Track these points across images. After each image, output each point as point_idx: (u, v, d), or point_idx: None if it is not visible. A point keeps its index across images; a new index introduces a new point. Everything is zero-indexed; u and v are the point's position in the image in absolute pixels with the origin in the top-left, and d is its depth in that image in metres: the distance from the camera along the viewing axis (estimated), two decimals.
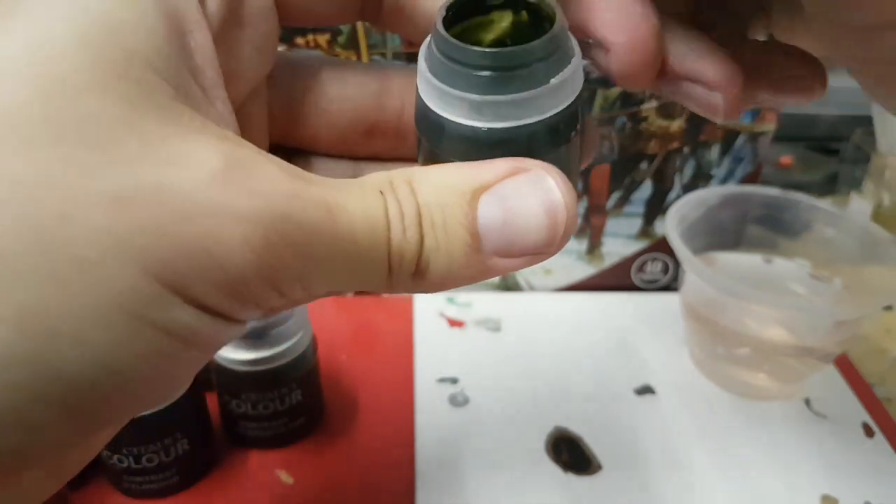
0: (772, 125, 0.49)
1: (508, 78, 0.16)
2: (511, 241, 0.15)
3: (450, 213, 0.15)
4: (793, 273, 0.49)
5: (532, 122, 0.17)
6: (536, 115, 0.17)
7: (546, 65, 0.17)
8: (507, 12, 0.19)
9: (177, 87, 0.14)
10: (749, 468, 0.40)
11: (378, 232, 0.15)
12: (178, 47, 0.14)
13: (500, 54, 0.16)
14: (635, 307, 0.52)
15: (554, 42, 0.17)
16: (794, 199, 0.47)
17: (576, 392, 0.45)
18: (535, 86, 0.17)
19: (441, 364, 0.46)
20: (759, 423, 0.43)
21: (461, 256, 0.15)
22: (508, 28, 0.19)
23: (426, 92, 0.18)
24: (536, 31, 0.17)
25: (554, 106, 0.17)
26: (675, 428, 0.42)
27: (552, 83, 0.17)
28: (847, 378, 0.46)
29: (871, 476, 0.40)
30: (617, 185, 0.50)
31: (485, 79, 0.16)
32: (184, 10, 0.15)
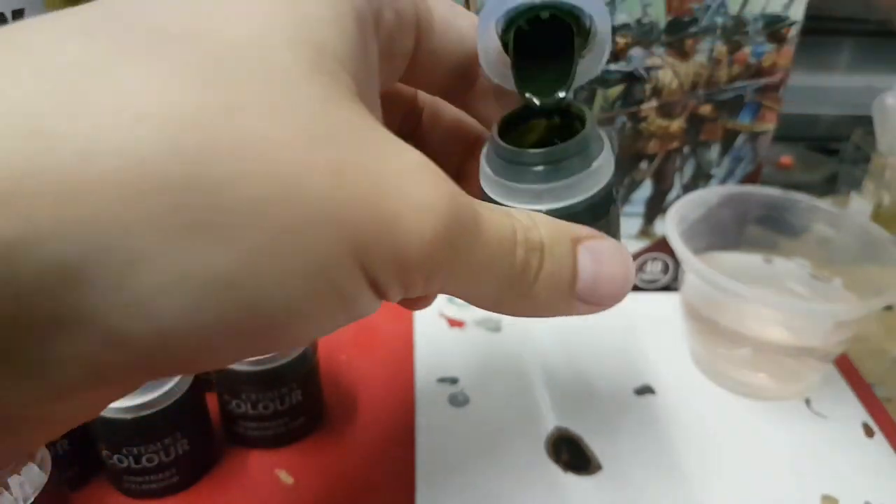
0: (772, 125, 0.49)
1: (559, 168, 0.21)
2: (594, 291, 0.19)
3: (563, 250, 0.18)
4: (793, 273, 0.49)
5: (581, 200, 0.22)
6: (583, 194, 0.22)
7: (586, 153, 0.21)
8: (542, 119, 0.24)
9: (358, 86, 0.15)
10: (749, 468, 0.40)
11: (506, 248, 0.17)
12: (362, 51, 0.16)
13: (551, 152, 0.21)
14: (635, 307, 0.52)
15: (589, 136, 0.21)
16: (794, 199, 0.47)
17: (576, 392, 0.45)
18: (581, 171, 0.22)
19: (441, 364, 0.46)
20: (759, 423, 0.43)
21: (564, 289, 0.18)
22: (545, 131, 0.24)
23: (492, 189, 0.22)
24: (570, 128, 0.23)
25: (597, 184, 0.22)
26: (675, 428, 0.42)
27: (593, 167, 0.22)
28: (847, 378, 0.46)
29: (871, 476, 0.40)
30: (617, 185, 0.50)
31: (541, 172, 0.21)
32: (368, 20, 0.16)
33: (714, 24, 0.45)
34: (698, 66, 0.46)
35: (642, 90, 0.47)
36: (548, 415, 0.43)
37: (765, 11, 0.45)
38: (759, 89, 0.48)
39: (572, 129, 0.23)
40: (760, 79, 0.47)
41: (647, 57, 0.45)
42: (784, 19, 0.45)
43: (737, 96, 0.48)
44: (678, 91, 0.47)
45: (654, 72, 0.46)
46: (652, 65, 0.46)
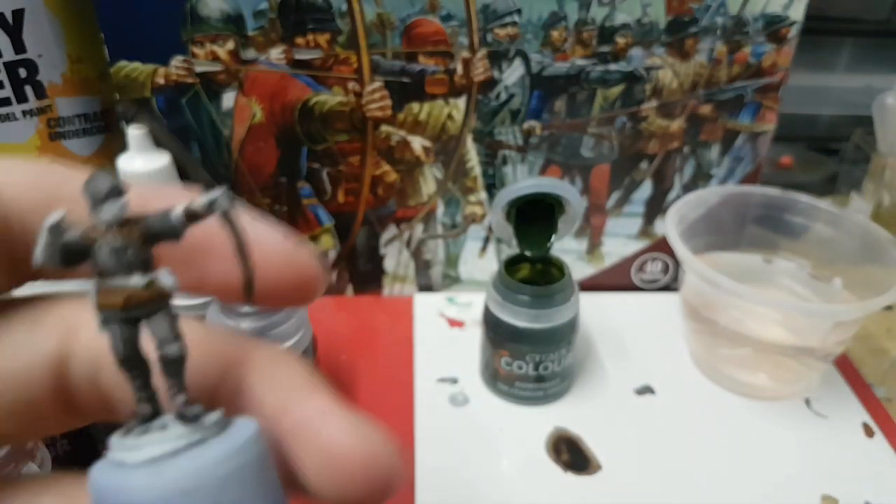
0: (772, 125, 0.49)
1: (546, 300, 0.40)
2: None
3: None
4: (793, 273, 0.49)
5: (562, 323, 0.40)
6: (561, 319, 0.40)
7: (564, 293, 0.40)
8: (526, 264, 0.44)
9: None
10: (749, 468, 0.40)
11: None
12: None
13: (537, 289, 0.40)
14: (635, 307, 0.52)
15: (567, 280, 0.41)
16: (793, 199, 0.47)
17: (576, 392, 0.45)
18: (561, 304, 0.40)
19: (441, 364, 0.46)
20: (759, 423, 0.43)
21: None
22: (528, 274, 0.44)
23: (496, 307, 0.41)
24: (548, 271, 0.43)
25: (570, 314, 0.41)
26: (675, 428, 0.42)
27: (570, 301, 0.40)
28: (847, 378, 0.46)
29: (871, 476, 0.40)
30: (617, 185, 0.50)
31: (532, 301, 0.40)
32: None
33: (714, 24, 0.45)
34: (698, 66, 0.46)
35: (642, 90, 0.47)
36: (547, 415, 0.43)
37: (765, 11, 0.45)
38: (759, 89, 0.48)
39: (550, 272, 0.43)
40: (760, 79, 0.47)
41: (647, 57, 0.45)
42: (784, 19, 0.45)
43: (737, 96, 0.48)
44: (678, 91, 0.47)
45: (654, 72, 0.46)
46: (652, 65, 0.46)
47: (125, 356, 0.13)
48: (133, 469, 0.12)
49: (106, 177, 0.13)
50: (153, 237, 0.13)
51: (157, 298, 0.13)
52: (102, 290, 0.13)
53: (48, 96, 0.44)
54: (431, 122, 0.46)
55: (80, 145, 0.46)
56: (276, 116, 0.45)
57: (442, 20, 0.43)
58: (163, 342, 0.13)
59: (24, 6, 0.41)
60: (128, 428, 0.13)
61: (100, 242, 0.13)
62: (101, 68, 0.45)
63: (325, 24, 0.42)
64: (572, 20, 0.44)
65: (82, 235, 0.13)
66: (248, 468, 0.13)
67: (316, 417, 0.14)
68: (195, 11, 0.41)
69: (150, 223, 0.13)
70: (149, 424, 0.13)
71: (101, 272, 0.13)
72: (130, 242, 0.13)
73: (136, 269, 0.13)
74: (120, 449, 0.13)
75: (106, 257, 0.13)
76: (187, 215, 0.13)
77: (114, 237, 0.13)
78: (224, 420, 0.13)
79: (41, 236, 0.12)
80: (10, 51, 0.42)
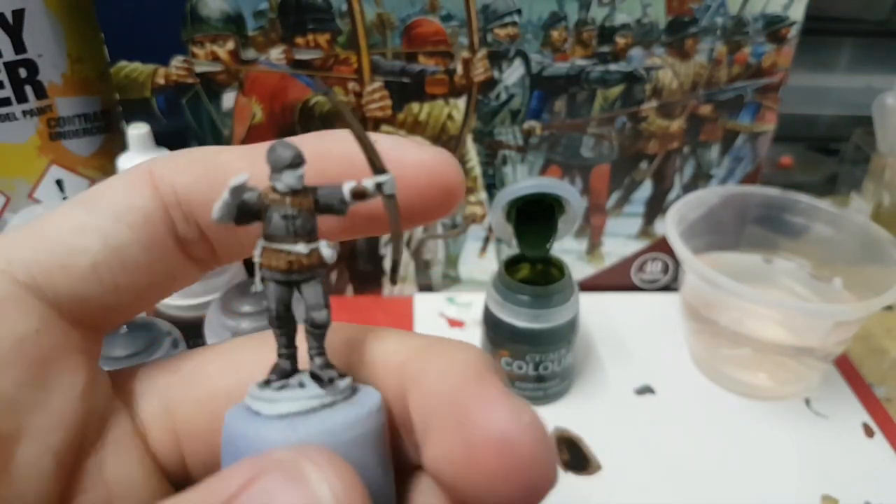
0: (772, 125, 0.49)
1: (546, 300, 0.40)
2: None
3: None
4: (793, 273, 0.49)
5: (562, 323, 0.40)
6: (561, 320, 0.40)
7: (564, 293, 0.40)
8: (526, 264, 0.44)
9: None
10: (749, 468, 0.40)
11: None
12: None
13: (537, 289, 0.40)
14: (635, 307, 0.52)
15: (567, 281, 0.41)
16: (793, 199, 0.47)
17: (576, 392, 0.45)
18: (561, 304, 0.40)
19: None
20: (759, 424, 0.43)
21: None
22: (528, 274, 0.44)
23: (496, 307, 0.41)
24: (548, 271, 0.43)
25: (570, 315, 0.41)
26: (675, 428, 0.42)
27: (570, 301, 0.40)
28: (847, 378, 0.46)
29: (871, 476, 0.40)
30: (617, 185, 0.50)
31: (532, 301, 0.40)
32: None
33: (714, 24, 0.45)
34: (698, 66, 0.46)
35: (642, 90, 0.47)
36: (547, 415, 0.43)
37: (765, 12, 0.45)
38: (759, 89, 0.48)
39: (550, 272, 0.43)
40: (760, 79, 0.47)
41: (647, 57, 0.45)
42: (784, 19, 0.45)
43: (737, 96, 0.48)
44: (678, 91, 0.47)
45: (654, 72, 0.46)
46: (652, 65, 0.46)
47: (277, 313, 0.14)
48: (268, 421, 0.13)
49: (289, 146, 0.13)
50: (322, 209, 0.14)
51: (315, 266, 0.14)
52: (268, 251, 0.14)
53: (48, 96, 0.44)
54: (431, 122, 0.46)
55: (79, 145, 0.46)
56: (277, 116, 0.45)
57: (442, 20, 0.43)
58: (312, 307, 0.14)
59: (24, 6, 0.41)
60: (267, 380, 0.14)
61: (273, 207, 0.14)
62: (101, 68, 0.45)
63: (325, 25, 0.42)
64: (572, 20, 0.44)
65: (259, 198, 0.14)
66: (370, 435, 0.14)
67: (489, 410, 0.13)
68: (195, 11, 0.41)
69: (320, 195, 0.14)
70: (287, 380, 0.14)
71: (269, 235, 0.14)
72: (301, 211, 0.14)
73: (301, 237, 0.14)
74: (258, 399, 0.14)
75: (277, 222, 0.14)
76: (354, 194, 0.14)
77: (287, 204, 0.14)
78: (353, 386, 0.14)
79: (223, 195, 0.13)
80: (11, 51, 0.42)
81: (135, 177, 0.15)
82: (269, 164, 0.13)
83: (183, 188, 0.15)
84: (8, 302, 0.14)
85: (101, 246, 0.15)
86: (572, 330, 0.41)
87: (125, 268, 0.15)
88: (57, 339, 0.15)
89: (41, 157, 0.45)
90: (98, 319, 0.15)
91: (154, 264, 0.15)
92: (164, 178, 0.15)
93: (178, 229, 0.16)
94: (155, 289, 0.16)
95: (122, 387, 0.16)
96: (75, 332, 0.15)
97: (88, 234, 0.15)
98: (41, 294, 0.14)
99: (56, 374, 0.14)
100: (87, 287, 0.15)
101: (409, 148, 0.15)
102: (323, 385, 0.14)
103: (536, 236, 0.41)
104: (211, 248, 0.16)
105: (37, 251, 0.14)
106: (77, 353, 0.15)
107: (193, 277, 0.17)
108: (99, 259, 0.15)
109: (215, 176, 0.15)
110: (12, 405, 0.14)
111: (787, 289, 0.48)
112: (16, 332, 0.14)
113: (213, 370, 0.16)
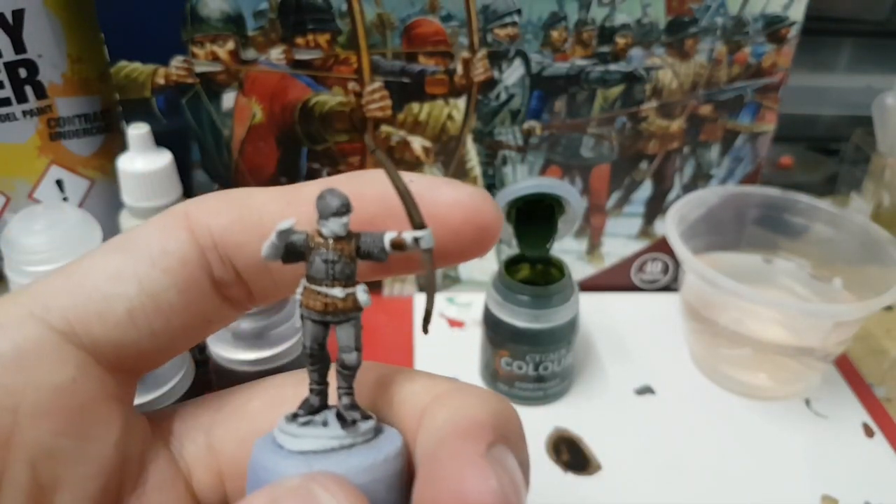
0: (771, 125, 0.49)
1: (546, 300, 0.40)
2: None
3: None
4: (793, 273, 0.49)
5: (562, 323, 0.40)
6: (561, 320, 0.40)
7: (564, 293, 0.40)
8: (526, 264, 0.44)
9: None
10: (749, 469, 0.40)
11: None
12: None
13: (537, 289, 0.40)
14: (635, 307, 0.52)
15: (567, 281, 0.40)
16: (793, 199, 0.47)
17: (576, 392, 0.45)
18: (561, 304, 0.40)
19: (441, 364, 0.46)
20: (759, 424, 0.43)
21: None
22: (528, 274, 0.44)
23: (496, 307, 0.41)
24: (548, 271, 0.43)
25: (570, 315, 0.41)
26: (675, 428, 0.42)
27: (570, 301, 0.40)
28: (847, 378, 0.46)
29: (871, 477, 0.40)
30: (617, 185, 0.50)
31: (532, 301, 0.40)
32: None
33: (714, 24, 0.45)
34: (698, 66, 0.46)
35: (642, 90, 0.47)
36: (548, 415, 0.43)
37: (764, 12, 0.45)
38: (758, 89, 0.48)
39: (550, 272, 0.43)
40: (760, 79, 0.47)
41: (647, 57, 0.45)
42: (784, 19, 0.45)
43: (737, 96, 0.48)
44: (678, 91, 0.47)
45: (654, 72, 0.46)
46: (652, 65, 0.46)
47: (311, 350, 0.15)
48: (288, 455, 0.14)
49: (338, 195, 0.14)
50: (363, 255, 0.15)
51: (350, 310, 0.15)
52: (308, 291, 0.15)
53: (48, 96, 0.44)
54: (431, 122, 0.46)
55: (80, 145, 0.46)
56: (276, 117, 0.45)
57: (442, 20, 0.43)
58: (344, 349, 0.15)
59: (24, 6, 0.41)
60: (295, 413, 0.15)
61: (317, 251, 0.14)
62: (102, 68, 0.45)
63: (325, 25, 0.42)
64: (572, 20, 0.44)
65: (305, 240, 0.14)
66: (385, 480, 0.14)
67: (457, 468, 0.13)
68: (195, 11, 0.41)
69: (362, 243, 0.15)
70: (313, 417, 0.15)
71: (310, 276, 0.14)
72: (341, 257, 0.14)
73: (339, 282, 0.14)
74: (283, 432, 0.14)
75: (318, 265, 0.14)
76: (394, 245, 0.14)
77: (329, 249, 0.14)
78: (377, 428, 0.15)
79: (271, 237, 0.14)
80: (11, 51, 0.42)
81: (170, 220, 0.16)
82: (318, 210, 0.14)
83: (219, 230, 0.16)
84: (45, 350, 0.14)
85: (137, 292, 0.15)
86: (572, 330, 0.41)
87: (161, 313, 0.15)
88: (93, 386, 0.15)
89: (41, 158, 0.45)
90: (134, 364, 0.16)
91: (190, 308, 0.16)
92: (200, 220, 0.16)
93: (215, 272, 0.16)
94: (191, 332, 0.16)
95: (163, 427, 0.17)
96: (111, 378, 0.15)
97: (125, 280, 0.15)
98: (78, 341, 0.14)
99: (93, 422, 0.14)
100: (124, 333, 0.15)
101: (443, 188, 0.15)
102: (345, 426, 0.14)
103: (536, 236, 0.41)
104: (247, 290, 0.16)
105: (73, 298, 0.15)
106: (113, 400, 0.15)
107: (229, 319, 0.17)
108: (135, 305, 0.15)
109: (250, 218, 0.16)
110: (50, 455, 0.14)
111: (786, 289, 0.48)
112: (53, 381, 0.14)
113: (257, 407, 0.17)
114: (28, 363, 0.14)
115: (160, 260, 0.15)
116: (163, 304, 0.15)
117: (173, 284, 0.15)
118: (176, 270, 0.15)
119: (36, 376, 0.14)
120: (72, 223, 0.36)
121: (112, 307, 0.15)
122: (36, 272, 0.38)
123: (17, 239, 0.35)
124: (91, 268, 0.15)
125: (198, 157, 0.46)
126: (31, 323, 0.14)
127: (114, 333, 0.15)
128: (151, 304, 0.15)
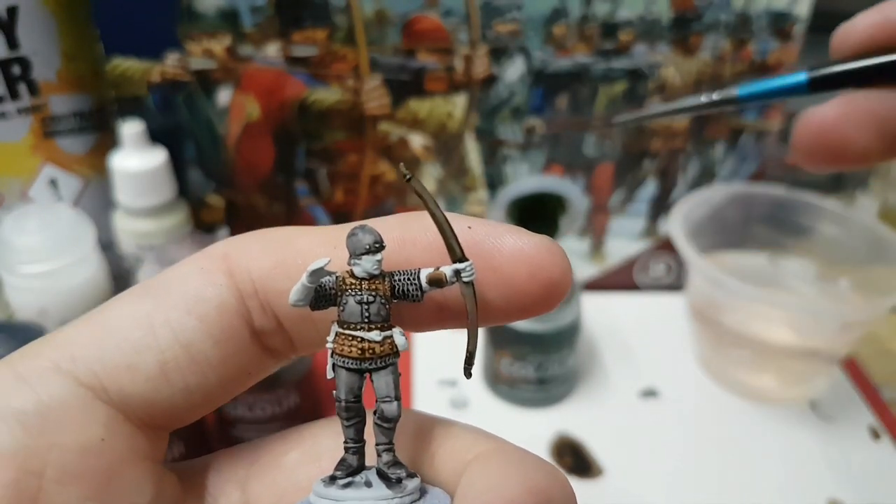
0: (777, 123, 0.49)
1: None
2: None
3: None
4: (799, 273, 0.48)
5: (564, 324, 0.40)
6: (563, 321, 0.40)
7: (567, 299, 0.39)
8: None
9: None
10: (754, 471, 0.39)
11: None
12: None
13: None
14: (639, 308, 0.52)
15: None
16: (799, 198, 0.47)
17: (578, 394, 0.44)
18: (563, 305, 0.36)
19: (441, 366, 0.46)
20: (765, 426, 0.42)
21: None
22: None
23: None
24: None
25: (572, 316, 0.40)
26: (679, 431, 0.42)
27: (572, 302, 0.40)
28: (854, 380, 0.46)
29: (877, 479, 0.39)
30: (620, 184, 0.50)
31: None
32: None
33: (718, 20, 0.44)
34: (702, 62, 0.46)
35: (646, 87, 0.46)
36: (550, 418, 0.42)
37: (770, 8, 0.44)
38: None
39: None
40: (766, 76, 0.47)
41: (650, 53, 0.45)
42: (789, 16, 0.44)
43: None
44: (682, 88, 0.46)
45: (658, 68, 0.45)
46: (655, 61, 0.45)
47: (347, 404, 0.14)
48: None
49: (369, 231, 0.13)
50: (398, 295, 0.14)
51: (388, 355, 0.14)
52: (340, 337, 0.14)
53: (42, 94, 0.43)
54: (431, 119, 0.46)
55: (73, 143, 0.46)
56: (273, 114, 0.44)
57: (442, 16, 0.42)
58: (383, 398, 0.14)
59: (18, 3, 0.41)
60: (333, 476, 0.14)
61: (349, 292, 0.13)
62: (96, 66, 0.44)
63: (322, 20, 0.42)
64: (574, 16, 0.43)
65: (336, 282, 0.13)
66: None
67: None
68: (191, 8, 0.40)
69: (396, 281, 0.14)
70: (353, 478, 0.14)
71: (343, 320, 0.14)
72: (376, 297, 0.13)
73: (375, 324, 0.14)
74: (323, 497, 0.14)
75: (352, 307, 0.13)
76: (431, 280, 0.13)
77: (363, 289, 0.13)
78: (422, 487, 0.14)
79: (302, 278, 0.13)
80: (4, 48, 0.41)
81: (207, 262, 0.14)
82: (349, 248, 0.13)
83: (260, 275, 0.14)
84: (72, 408, 0.13)
85: (169, 342, 0.14)
86: (575, 331, 0.41)
87: (196, 365, 0.14)
88: (123, 446, 0.14)
89: (35, 156, 0.45)
90: (166, 420, 0.14)
91: (227, 360, 0.14)
92: (240, 264, 0.14)
93: (255, 320, 0.14)
94: (228, 385, 0.15)
95: (196, 482, 0.16)
96: (141, 435, 0.14)
97: (156, 328, 0.14)
98: (106, 396, 0.13)
99: (123, 485, 0.13)
100: (155, 388, 0.14)
101: (505, 236, 0.14)
102: (391, 486, 0.13)
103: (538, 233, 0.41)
104: (288, 339, 0.15)
105: (101, 348, 0.13)
106: (143, 460, 0.14)
107: (268, 371, 0.16)
108: (168, 357, 0.14)
109: (293, 262, 0.14)
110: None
111: (793, 289, 0.48)
112: (80, 442, 0.13)
113: (294, 460, 0.15)
114: (54, 422, 0.13)
115: (196, 307, 0.14)
116: (198, 356, 0.14)
117: (209, 335, 0.14)
118: (213, 319, 0.14)
119: (62, 437, 0.13)
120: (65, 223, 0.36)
121: (142, 359, 0.14)
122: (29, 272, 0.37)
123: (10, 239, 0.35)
124: (120, 313, 0.14)
125: (193, 155, 0.45)
126: (56, 377, 0.13)
127: (144, 388, 0.14)
128: (185, 356, 0.14)
